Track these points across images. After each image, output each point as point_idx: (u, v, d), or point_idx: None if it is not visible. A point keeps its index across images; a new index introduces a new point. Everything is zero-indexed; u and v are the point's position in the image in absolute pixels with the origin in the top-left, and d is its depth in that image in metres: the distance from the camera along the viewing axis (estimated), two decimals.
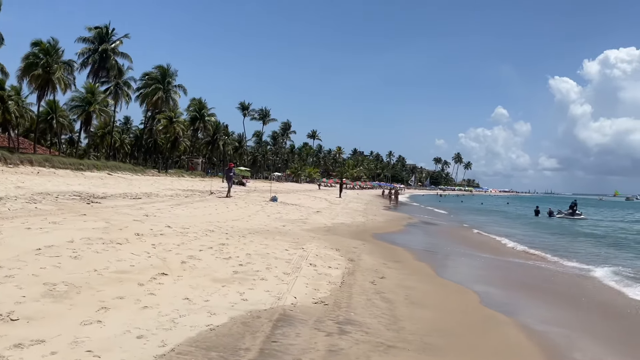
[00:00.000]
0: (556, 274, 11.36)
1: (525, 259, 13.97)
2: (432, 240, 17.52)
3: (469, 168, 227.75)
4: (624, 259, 14.56)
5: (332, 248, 10.82)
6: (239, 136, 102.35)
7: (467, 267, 11.92)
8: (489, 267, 12.09)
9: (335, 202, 34.16)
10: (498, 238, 19.28)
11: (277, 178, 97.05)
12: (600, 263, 13.02)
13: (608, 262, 13.47)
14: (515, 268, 12.10)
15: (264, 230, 12.86)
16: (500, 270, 11.77)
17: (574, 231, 26.45)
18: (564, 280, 10.67)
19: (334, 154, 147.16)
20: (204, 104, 75.02)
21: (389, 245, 13.54)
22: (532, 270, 11.89)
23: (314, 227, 15.62)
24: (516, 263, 12.92)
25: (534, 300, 8.38)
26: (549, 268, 12.22)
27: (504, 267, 12.13)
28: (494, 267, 12.19)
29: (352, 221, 19.74)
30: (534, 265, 12.64)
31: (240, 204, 20.63)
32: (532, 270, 11.89)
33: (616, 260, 13.99)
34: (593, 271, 11.58)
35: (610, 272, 11.39)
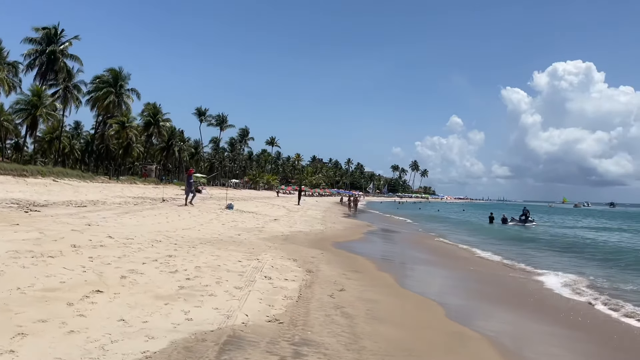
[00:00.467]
0: (520, 283, 11.20)
1: (488, 267, 13.83)
2: (393, 249, 17.23)
3: (425, 175, 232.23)
4: (577, 266, 14.66)
5: (289, 258, 10.26)
6: (195, 142, 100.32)
7: (431, 276, 11.61)
8: (453, 277, 11.82)
9: (294, 209, 33.57)
10: (460, 245, 19.21)
11: (234, 185, 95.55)
12: (562, 270, 13.01)
13: (569, 269, 13.50)
14: (479, 277, 11.87)
15: (217, 239, 12.16)
16: (464, 280, 11.50)
17: (530, 238, 26.85)
18: (526, 288, 10.49)
19: (293, 161, 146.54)
20: (159, 109, 73.01)
21: (348, 254, 13.09)
22: (496, 279, 11.71)
23: (270, 235, 15.01)
24: (480, 272, 12.72)
25: (502, 311, 8.08)
26: (514, 277, 12.09)
27: (468, 277, 11.88)
28: (458, 276, 11.92)
29: (311, 229, 19.23)
30: (499, 274, 12.49)
31: (194, 212, 19.75)
32: (496, 279, 11.71)
33: (575, 268, 14.06)
34: (554, 278, 11.51)
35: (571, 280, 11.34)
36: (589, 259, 16.93)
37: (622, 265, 15.49)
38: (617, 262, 16.14)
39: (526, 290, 10.22)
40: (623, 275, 12.89)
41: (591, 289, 10.30)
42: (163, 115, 74.66)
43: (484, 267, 13.72)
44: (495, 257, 15.87)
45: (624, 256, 18.00)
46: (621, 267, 15.03)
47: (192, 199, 23.55)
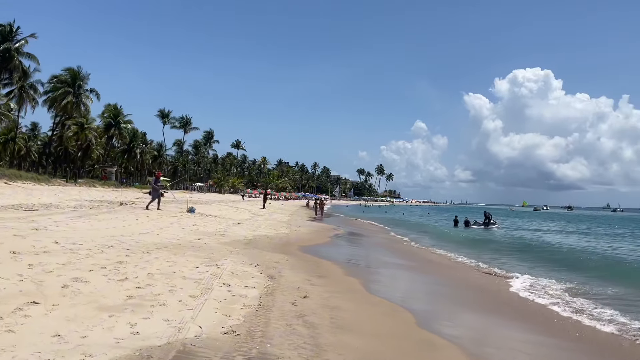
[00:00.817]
0: (489, 287, 11.05)
1: (457, 270, 13.69)
2: (360, 253, 16.91)
3: (390, 179, 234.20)
4: (542, 270, 14.70)
5: (251, 264, 9.78)
6: (158, 145, 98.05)
7: (400, 281, 11.30)
8: (422, 281, 11.57)
9: (259, 213, 32.96)
10: (428, 249, 19.09)
11: (198, 188, 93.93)
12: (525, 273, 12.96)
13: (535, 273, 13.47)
14: (449, 281, 11.68)
15: (176, 244, 11.56)
16: (433, 284, 11.26)
17: (494, 240, 27.09)
18: (495, 292, 10.34)
19: (259, 164, 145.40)
20: (120, 110, 71.09)
21: (314, 259, 12.68)
22: (466, 283, 11.53)
23: (232, 240, 14.46)
24: (449, 275, 12.55)
25: (474, 318, 7.83)
26: (483, 280, 11.94)
27: (437, 281, 11.67)
28: (427, 280, 11.68)
29: (275, 233, 18.74)
30: (468, 278, 12.34)
31: (153, 215, 18.97)
32: (466, 283, 11.53)
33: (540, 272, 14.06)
34: (517, 281, 11.41)
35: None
36: (552, 262, 17.06)
37: (583, 268, 15.64)
38: (576, 266, 16.30)
39: (496, 294, 10.07)
40: (586, 278, 12.94)
41: (558, 292, 10.24)
42: (124, 116, 72.79)
43: (453, 271, 13.58)
44: (463, 259, 15.81)
45: (584, 259, 18.26)
46: (582, 270, 15.17)
47: (159, 204, 22.66)
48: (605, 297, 9.99)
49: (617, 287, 11.20)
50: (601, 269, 15.44)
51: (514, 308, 8.73)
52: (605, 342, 6.78)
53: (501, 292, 10.33)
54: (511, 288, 10.70)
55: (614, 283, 11.78)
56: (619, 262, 17.55)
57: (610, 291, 10.72)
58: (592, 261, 17.42)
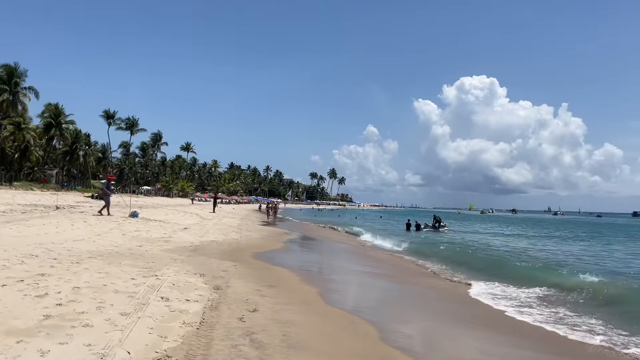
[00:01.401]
0: (451, 293, 10.67)
1: (418, 276, 13.31)
2: (315, 259, 16.27)
3: (343, 183, 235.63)
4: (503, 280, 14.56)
5: (196, 273, 8.95)
6: (102, 147, 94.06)
7: (359, 289, 10.70)
8: (384, 289, 11.05)
9: (208, 217, 31.77)
10: (386, 253, 18.67)
11: (145, 192, 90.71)
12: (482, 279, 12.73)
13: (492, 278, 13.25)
14: (411, 288, 11.23)
15: (113, 252, 10.55)
16: (397, 291, 10.76)
17: (447, 245, 27.17)
18: (459, 300, 9.97)
19: (210, 167, 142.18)
20: (61, 110, 67.52)
21: (265, 266, 11.95)
22: (428, 291, 11.12)
23: (177, 246, 13.51)
24: (413, 282, 12.12)
25: (441, 329, 7.34)
26: (443, 287, 11.58)
27: (400, 288, 11.19)
28: (389, 288, 11.18)
29: (225, 238, 17.84)
30: (429, 284, 11.95)
31: (92, 220, 17.66)
32: (428, 291, 11.12)
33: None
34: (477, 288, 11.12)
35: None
36: (500, 267, 17.05)
37: (529, 269, 15.67)
38: (523, 267, 16.32)
39: (459, 301, 9.69)
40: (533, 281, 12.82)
41: (510, 297, 9.99)
42: (66, 116, 69.25)
43: (414, 277, 13.18)
44: (425, 264, 15.48)
45: (532, 261, 18.40)
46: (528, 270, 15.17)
47: (109, 209, 21.26)
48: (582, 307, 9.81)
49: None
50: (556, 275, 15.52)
51: (479, 317, 8.35)
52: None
53: (463, 298, 9.98)
54: (474, 294, 10.39)
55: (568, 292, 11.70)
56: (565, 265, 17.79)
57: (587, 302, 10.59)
58: (542, 267, 17.55)
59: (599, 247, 27.76)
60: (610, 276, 13.98)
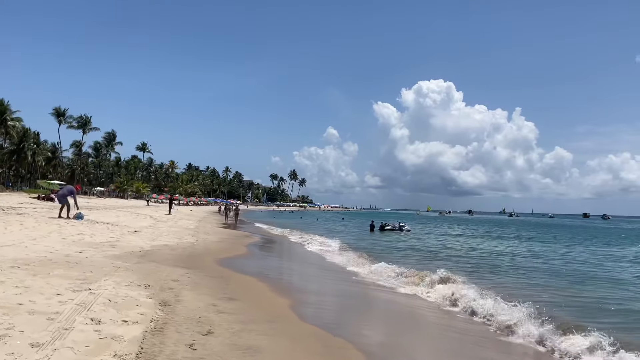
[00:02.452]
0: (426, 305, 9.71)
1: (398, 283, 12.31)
2: (280, 265, 15.06)
3: (303, 185, 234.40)
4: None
5: (140, 284, 7.62)
6: (52, 146, 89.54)
7: (337, 299, 9.54)
8: (366, 299, 9.94)
9: (162, 219, 29.99)
10: (360, 258, 17.55)
11: (99, 193, 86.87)
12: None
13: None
14: (391, 299, 10.19)
15: (45, 260, 9.06)
16: (383, 303, 9.69)
17: (419, 247, 26.48)
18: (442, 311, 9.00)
19: (167, 168, 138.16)
20: (7, 106, 63.75)
21: (225, 273, 10.67)
22: (407, 301, 10.11)
23: (124, 252, 12.05)
24: (393, 291, 11.09)
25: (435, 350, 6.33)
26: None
27: (384, 299, 10.12)
28: (372, 297, 10.09)
29: (179, 242, 16.39)
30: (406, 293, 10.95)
31: (30, 223, 15.86)
32: (407, 301, 10.11)
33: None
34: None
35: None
36: (468, 265, 16.36)
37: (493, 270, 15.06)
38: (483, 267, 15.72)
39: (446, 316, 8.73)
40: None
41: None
42: (12, 113, 65.40)
43: (397, 283, 12.17)
44: (392, 269, 14.52)
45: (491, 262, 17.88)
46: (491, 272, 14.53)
47: (65, 211, 19.32)
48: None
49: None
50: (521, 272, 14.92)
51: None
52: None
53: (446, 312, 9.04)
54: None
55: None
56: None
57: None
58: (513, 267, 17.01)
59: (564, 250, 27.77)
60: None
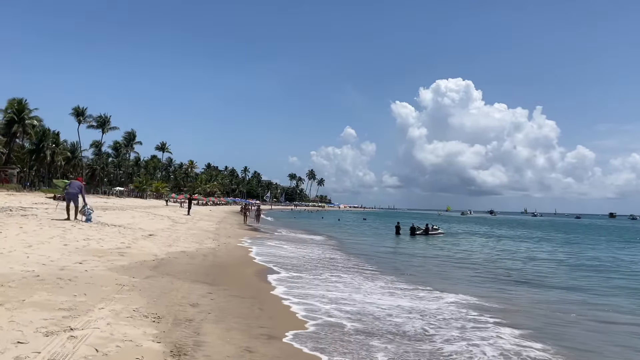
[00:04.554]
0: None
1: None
2: (330, 279, 12.89)
3: (321, 184, 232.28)
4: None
5: (148, 315, 5.66)
6: (72, 145, 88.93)
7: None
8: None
9: (181, 220, 28.24)
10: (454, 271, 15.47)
11: (118, 193, 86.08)
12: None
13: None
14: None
15: (30, 276, 7.17)
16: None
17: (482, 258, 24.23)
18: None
19: (186, 168, 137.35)
20: (25, 105, 62.77)
21: (256, 291, 8.67)
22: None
23: (135, 261, 10.16)
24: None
25: None
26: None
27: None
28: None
29: (198, 247, 14.49)
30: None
31: (31, 226, 14.09)
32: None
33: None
34: None
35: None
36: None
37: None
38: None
39: None
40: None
41: None
42: (30, 112, 64.48)
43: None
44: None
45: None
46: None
47: (71, 212, 17.38)
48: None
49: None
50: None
51: None
52: None
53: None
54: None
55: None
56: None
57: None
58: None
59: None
60: None
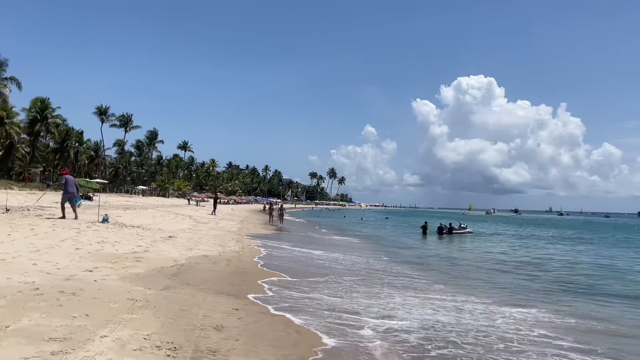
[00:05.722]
0: None
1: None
2: (377, 293, 11.72)
3: (342, 183, 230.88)
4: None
5: (159, 344, 4.53)
6: (95, 144, 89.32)
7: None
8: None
9: (203, 220, 27.33)
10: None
11: (141, 192, 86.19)
12: None
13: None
14: None
15: (27, 289, 6.15)
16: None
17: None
18: None
19: (208, 166, 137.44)
20: (48, 103, 62.85)
21: (286, 313, 7.53)
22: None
23: (151, 268, 9.11)
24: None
25: None
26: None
27: None
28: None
29: (221, 251, 13.43)
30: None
31: (44, 227, 13.21)
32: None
33: None
34: None
35: None
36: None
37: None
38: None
39: None
40: None
41: None
42: (53, 111, 64.59)
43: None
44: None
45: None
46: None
47: (73, 210, 16.88)
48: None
49: None
50: None
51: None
52: None
53: None
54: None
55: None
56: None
57: None
58: None
59: None
60: None
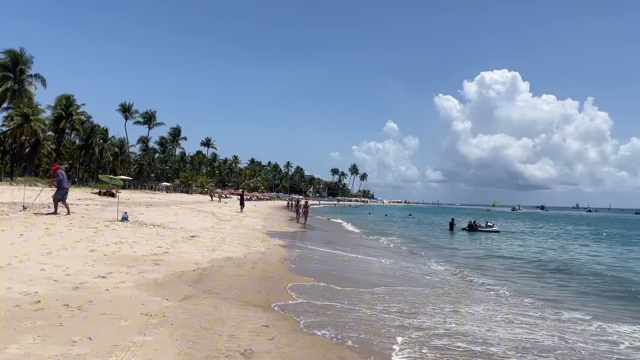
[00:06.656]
0: None
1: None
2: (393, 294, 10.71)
3: (364, 179, 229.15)
4: None
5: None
6: (119, 141, 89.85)
7: None
8: None
9: (226, 217, 26.60)
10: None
11: (165, 188, 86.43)
12: None
13: None
14: None
15: (27, 303, 5.36)
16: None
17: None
18: None
19: (230, 163, 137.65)
20: (72, 101, 63.18)
21: (328, 334, 6.59)
22: None
23: (170, 272, 8.29)
24: None
25: None
26: None
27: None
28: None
29: (246, 252, 12.58)
30: None
31: (59, 226, 12.55)
32: None
33: None
34: None
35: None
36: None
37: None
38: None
39: None
40: None
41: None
42: (78, 108, 64.95)
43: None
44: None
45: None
46: None
47: (56, 206, 16.21)
48: None
49: None
50: None
51: None
52: None
53: None
54: None
55: None
56: None
57: None
58: None
59: None
60: None
